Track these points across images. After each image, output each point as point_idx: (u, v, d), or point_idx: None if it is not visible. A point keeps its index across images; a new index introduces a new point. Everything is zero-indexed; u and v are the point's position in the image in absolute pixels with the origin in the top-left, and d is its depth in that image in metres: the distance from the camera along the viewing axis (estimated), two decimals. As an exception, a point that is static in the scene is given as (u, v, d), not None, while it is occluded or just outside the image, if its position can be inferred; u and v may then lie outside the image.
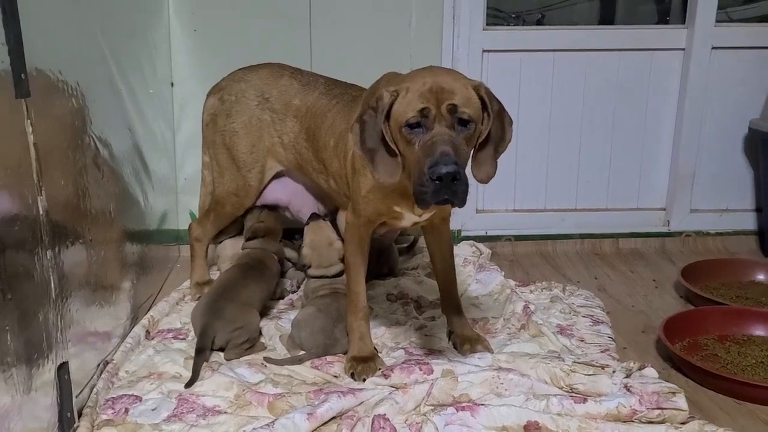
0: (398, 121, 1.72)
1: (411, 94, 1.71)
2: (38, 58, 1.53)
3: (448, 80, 1.71)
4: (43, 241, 1.54)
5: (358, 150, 1.80)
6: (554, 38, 3.12)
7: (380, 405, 1.76)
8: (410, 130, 1.70)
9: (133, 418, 1.78)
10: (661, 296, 2.74)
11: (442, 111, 1.68)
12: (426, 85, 1.70)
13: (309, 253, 2.37)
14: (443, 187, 1.63)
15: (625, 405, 1.75)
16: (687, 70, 3.11)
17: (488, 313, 2.44)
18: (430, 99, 1.68)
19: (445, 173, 1.61)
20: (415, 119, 1.68)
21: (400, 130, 1.72)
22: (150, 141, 2.63)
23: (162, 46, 2.87)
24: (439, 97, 1.68)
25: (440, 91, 1.69)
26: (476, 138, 1.76)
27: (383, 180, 1.78)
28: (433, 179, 1.62)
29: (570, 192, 3.27)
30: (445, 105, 1.68)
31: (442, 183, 1.62)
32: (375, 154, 1.77)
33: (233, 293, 2.17)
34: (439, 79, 1.71)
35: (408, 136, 1.70)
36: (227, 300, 2.14)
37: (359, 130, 1.78)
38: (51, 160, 1.60)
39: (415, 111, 1.68)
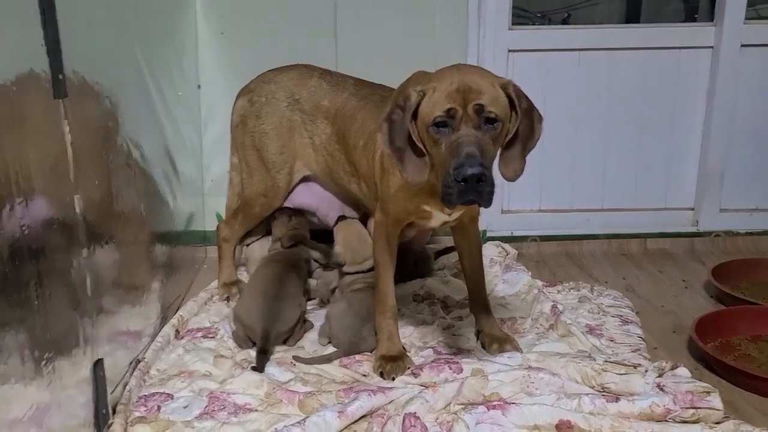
0: (425, 121, 1.72)
1: (438, 93, 1.71)
2: (74, 60, 1.55)
3: (476, 79, 1.71)
4: (80, 240, 1.57)
5: (386, 149, 1.80)
6: (580, 37, 3.09)
7: (411, 404, 1.76)
8: (437, 129, 1.70)
9: (165, 415, 1.80)
10: (691, 296, 2.70)
11: (469, 111, 1.68)
12: (453, 85, 1.70)
13: (342, 250, 2.37)
14: (468, 189, 1.63)
15: (659, 404, 1.73)
16: (716, 68, 3.07)
17: (516, 313, 2.43)
18: (457, 99, 1.68)
19: (470, 175, 1.61)
20: (441, 119, 1.68)
21: (426, 130, 1.72)
22: (178, 143, 2.66)
23: (189, 48, 2.90)
24: (466, 97, 1.68)
25: (467, 90, 1.68)
26: (503, 137, 1.75)
27: (411, 179, 1.78)
28: (459, 180, 1.62)
29: (596, 192, 3.24)
30: (471, 105, 1.67)
31: (468, 184, 1.62)
32: (403, 153, 1.77)
33: (282, 291, 2.19)
34: (466, 78, 1.71)
35: (435, 135, 1.70)
36: (280, 300, 2.16)
37: (387, 129, 1.78)
38: (85, 161, 1.63)
39: (441, 111, 1.68)
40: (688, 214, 3.27)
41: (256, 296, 2.18)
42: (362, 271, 2.32)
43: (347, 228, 2.42)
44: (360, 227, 2.42)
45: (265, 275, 2.29)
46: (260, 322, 2.11)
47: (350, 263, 2.35)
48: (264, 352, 2.05)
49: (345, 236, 2.40)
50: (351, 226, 2.43)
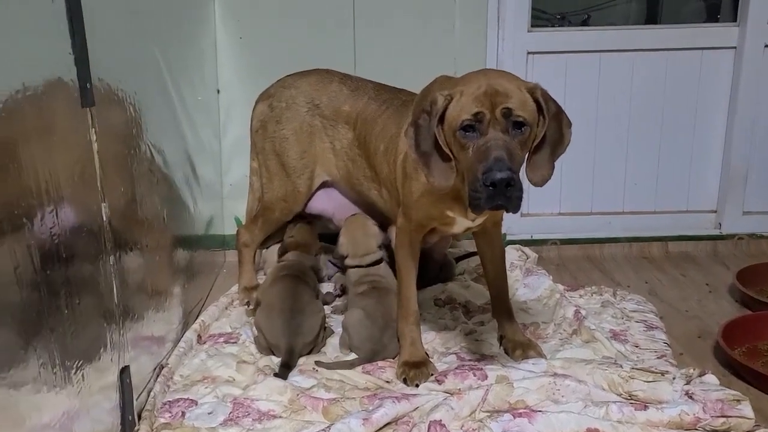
0: (452, 125, 1.71)
1: (465, 97, 1.69)
2: (99, 68, 1.55)
3: (503, 83, 1.70)
4: (106, 247, 1.57)
5: (412, 154, 1.79)
6: (600, 39, 3.07)
7: (435, 411, 1.75)
8: (464, 134, 1.69)
9: (190, 421, 1.80)
10: (716, 301, 2.67)
11: (497, 115, 1.66)
12: (480, 89, 1.68)
13: (344, 242, 2.36)
14: (497, 193, 1.62)
15: (688, 412, 1.71)
16: (739, 69, 3.03)
17: (538, 318, 2.41)
18: (485, 103, 1.67)
19: (499, 179, 1.60)
20: (469, 123, 1.67)
21: (454, 134, 1.71)
22: (198, 148, 2.67)
23: (209, 53, 2.91)
24: (494, 101, 1.67)
25: (495, 94, 1.67)
26: (531, 141, 1.74)
27: (438, 184, 1.77)
28: (487, 185, 1.61)
29: (617, 195, 3.22)
30: (499, 109, 1.66)
31: (496, 189, 1.61)
32: (429, 158, 1.76)
33: (299, 304, 2.18)
34: (493, 82, 1.70)
35: (462, 140, 1.69)
36: (299, 314, 2.15)
37: (413, 134, 1.77)
38: (111, 168, 1.63)
39: (469, 115, 1.67)
40: (711, 216, 3.23)
41: (273, 314, 2.16)
42: (362, 265, 2.30)
43: (354, 220, 2.41)
44: (368, 222, 2.40)
45: (277, 293, 2.25)
46: (284, 339, 2.10)
47: (352, 256, 2.33)
48: (287, 367, 2.04)
49: (350, 228, 2.39)
50: (358, 219, 2.41)
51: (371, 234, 2.36)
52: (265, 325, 2.16)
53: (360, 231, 2.38)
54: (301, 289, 2.25)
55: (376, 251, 2.33)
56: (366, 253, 2.32)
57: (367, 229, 2.38)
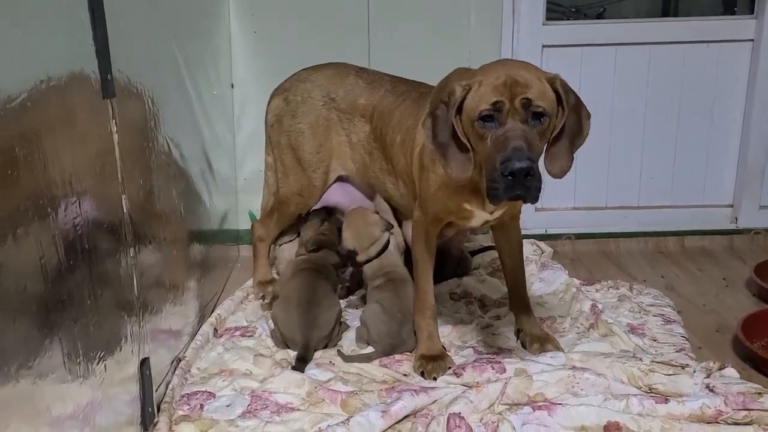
0: (470, 115, 1.70)
1: (484, 87, 1.68)
2: (119, 61, 1.55)
3: (522, 73, 1.69)
4: (127, 239, 1.57)
5: (429, 145, 1.78)
6: (616, 32, 3.05)
7: (454, 404, 1.74)
8: (482, 124, 1.67)
9: (208, 414, 1.80)
10: (733, 295, 2.65)
11: (516, 105, 1.65)
12: (499, 79, 1.67)
13: (347, 236, 2.34)
14: (516, 183, 1.60)
15: (710, 406, 1.69)
16: (756, 61, 3.00)
17: (554, 312, 2.40)
18: (504, 92, 1.65)
19: (518, 169, 1.58)
20: (487, 113, 1.66)
21: (472, 124, 1.70)
22: (213, 142, 2.67)
23: (223, 48, 2.91)
24: (513, 91, 1.65)
25: (514, 84, 1.66)
26: (550, 132, 1.73)
27: (455, 175, 1.76)
28: (506, 175, 1.60)
29: (632, 189, 3.20)
30: (518, 99, 1.65)
31: (515, 179, 1.60)
32: (447, 149, 1.75)
33: (316, 297, 2.18)
34: (512, 72, 1.68)
35: (480, 130, 1.68)
36: (315, 307, 2.15)
37: (431, 124, 1.76)
38: (130, 160, 1.64)
39: (487, 104, 1.65)
40: (727, 211, 3.21)
41: (290, 307, 2.16)
42: (372, 257, 2.29)
43: (353, 213, 2.40)
44: (366, 212, 2.39)
45: (295, 285, 2.25)
46: (299, 332, 2.10)
47: (360, 251, 2.31)
48: (303, 360, 2.04)
49: (350, 221, 2.37)
50: (356, 212, 2.40)
51: (372, 222, 2.34)
52: (281, 317, 2.16)
53: (360, 222, 2.36)
54: (320, 283, 2.25)
55: (380, 237, 2.31)
56: (371, 242, 2.31)
57: (367, 218, 2.36)
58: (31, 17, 1.19)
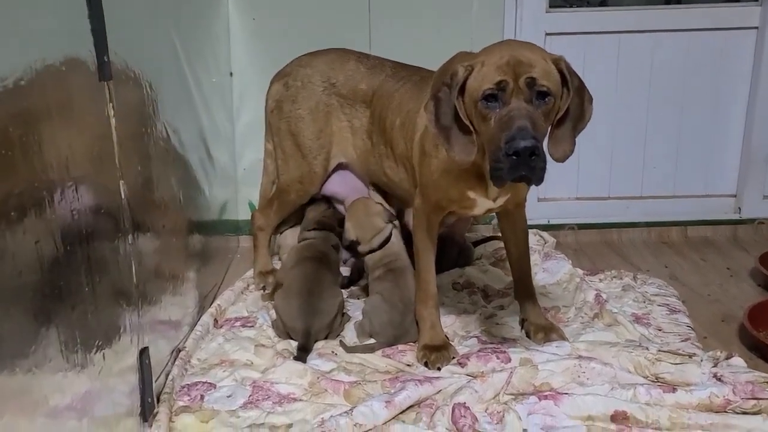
0: (473, 96, 1.66)
1: (487, 67, 1.64)
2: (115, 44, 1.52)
3: (526, 53, 1.65)
4: (125, 227, 1.54)
5: (432, 128, 1.74)
6: (619, 19, 3.01)
7: (459, 393, 1.72)
8: (486, 104, 1.63)
9: (209, 404, 1.78)
10: (738, 285, 2.63)
11: (520, 84, 1.61)
12: (503, 59, 1.63)
13: (350, 227, 2.31)
14: (520, 163, 1.56)
15: (718, 395, 1.67)
16: (761, 49, 2.97)
17: (558, 302, 2.37)
18: (508, 72, 1.61)
19: (523, 148, 1.54)
20: (491, 92, 1.62)
21: (475, 105, 1.66)
22: (212, 131, 2.63)
23: (221, 35, 2.86)
24: (517, 71, 1.61)
25: (518, 64, 1.62)
26: (554, 113, 1.69)
27: (458, 158, 1.72)
28: (510, 154, 1.55)
29: (635, 179, 3.16)
30: (523, 78, 1.61)
31: (520, 159, 1.55)
32: (449, 131, 1.71)
33: (318, 287, 2.15)
34: (516, 52, 1.65)
35: (484, 111, 1.64)
36: (317, 296, 2.13)
37: (433, 107, 1.72)
38: (128, 146, 1.60)
39: (491, 84, 1.62)
40: (730, 201, 3.18)
41: (291, 296, 2.14)
42: (374, 248, 2.26)
43: (356, 203, 2.38)
44: (369, 202, 2.37)
45: (297, 275, 2.23)
46: (300, 321, 2.08)
47: (362, 241, 2.28)
48: (304, 350, 2.02)
49: (353, 212, 2.34)
50: (359, 201, 2.38)
51: (375, 213, 2.31)
52: (282, 306, 2.13)
53: (363, 212, 2.33)
54: (322, 272, 2.22)
55: (383, 228, 2.28)
56: (374, 233, 2.28)
57: (370, 208, 2.33)
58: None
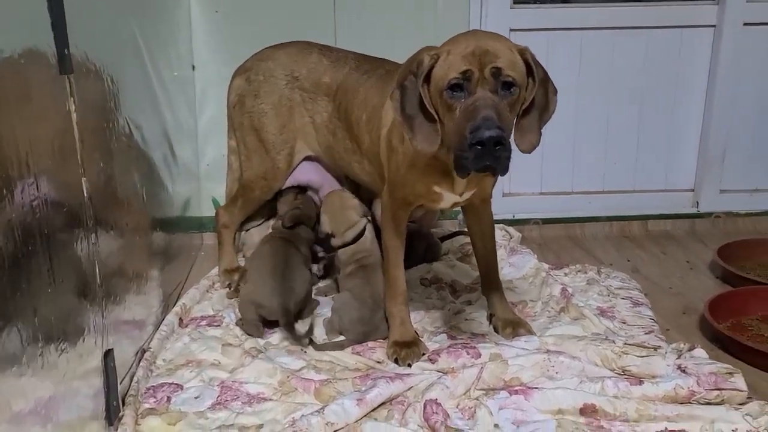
0: (438, 85, 1.65)
1: (452, 56, 1.64)
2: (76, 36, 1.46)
3: (492, 43, 1.65)
4: (88, 224, 1.49)
5: (397, 116, 1.73)
6: (582, 16, 3.04)
7: (430, 390, 1.72)
8: (451, 93, 1.63)
9: (176, 406, 1.74)
10: (697, 277, 2.69)
11: (486, 74, 1.61)
12: (468, 48, 1.63)
13: (325, 219, 2.30)
14: (485, 153, 1.56)
15: (683, 386, 1.70)
16: (718, 47, 3.04)
17: (525, 296, 2.39)
18: (473, 62, 1.61)
19: (488, 137, 1.54)
20: (456, 82, 1.61)
21: (440, 94, 1.65)
22: (175, 126, 2.57)
23: (183, 28, 2.80)
24: (482, 60, 1.61)
25: (484, 53, 1.62)
26: (520, 104, 1.69)
27: (422, 147, 1.71)
28: (475, 144, 1.55)
29: (597, 174, 3.21)
30: (488, 68, 1.61)
31: (485, 149, 1.55)
32: (414, 120, 1.70)
33: (289, 264, 2.15)
34: (482, 42, 1.65)
35: (449, 100, 1.63)
36: (289, 271, 2.12)
37: (399, 96, 1.71)
38: (90, 142, 1.55)
39: (456, 73, 1.61)
40: (689, 195, 3.26)
41: (265, 275, 2.12)
42: (348, 242, 2.25)
43: (331, 196, 2.37)
44: (344, 196, 2.36)
45: (267, 252, 2.21)
46: (277, 298, 2.06)
47: (336, 234, 2.27)
48: (290, 325, 2.01)
49: (329, 204, 2.34)
50: (335, 194, 2.37)
51: (350, 206, 2.30)
52: (255, 288, 2.11)
53: (338, 205, 2.32)
54: (291, 251, 2.22)
55: (357, 222, 2.27)
56: (348, 227, 2.26)
57: (345, 201, 2.32)
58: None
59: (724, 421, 1.64)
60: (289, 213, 2.38)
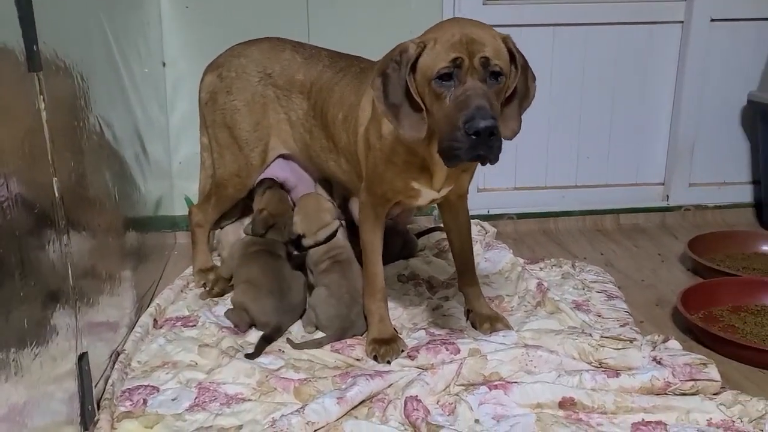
0: (427, 74, 1.65)
1: (440, 45, 1.63)
2: (45, 32, 1.43)
3: (478, 32, 1.65)
4: (60, 225, 1.45)
5: (380, 105, 1.71)
6: (554, 13, 3.07)
7: (411, 387, 1.72)
8: (440, 83, 1.62)
9: (152, 409, 1.71)
10: (669, 270, 2.74)
11: (475, 63, 1.61)
12: (455, 36, 1.63)
13: (297, 220, 2.28)
14: (480, 143, 1.57)
15: (659, 378, 1.73)
16: (686, 43, 3.09)
17: (501, 291, 2.40)
18: (462, 50, 1.61)
19: (484, 127, 1.55)
20: (446, 71, 1.61)
21: (429, 83, 1.64)
22: (146, 123, 2.53)
23: (153, 24, 2.75)
24: (470, 49, 1.61)
25: (471, 42, 1.62)
26: (504, 92, 1.70)
27: (408, 135, 1.70)
28: (470, 134, 1.56)
29: (570, 168, 3.25)
30: (477, 57, 1.61)
31: (479, 138, 1.56)
32: (399, 109, 1.69)
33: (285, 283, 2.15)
34: (467, 30, 1.65)
35: (438, 89, 1.63)
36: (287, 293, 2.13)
37: (381, 84, 1.69)
38: (61, 140, 1.51)
39: (446, 62, 1.61)
40: (659, 189, 3.31)
41: (261, 295, 2.11)
42: (320, 241, 2.24)
43: (306, 198, 2.35)
44: (319, 199, 2.34)
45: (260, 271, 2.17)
46: (275, 317, 2.07)
47: (307, 234, 2.26)
48: (269, 341, 2.00)
49: (302, 206, 2.32)
50: (310, 196, 2.35)
51: (324, 209, 2.29)
52: (252, 305, 2.10)
53: (312, 207, 2.30)
54: (281, 264, 2.21)
55: (330, 224, 2.26)
56: (320, 227, 2.26)
57: (320, 204, 2.31)
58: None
59: (699, 411, 1.67)
60: (259, 219, 2.33)
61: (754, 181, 3.31)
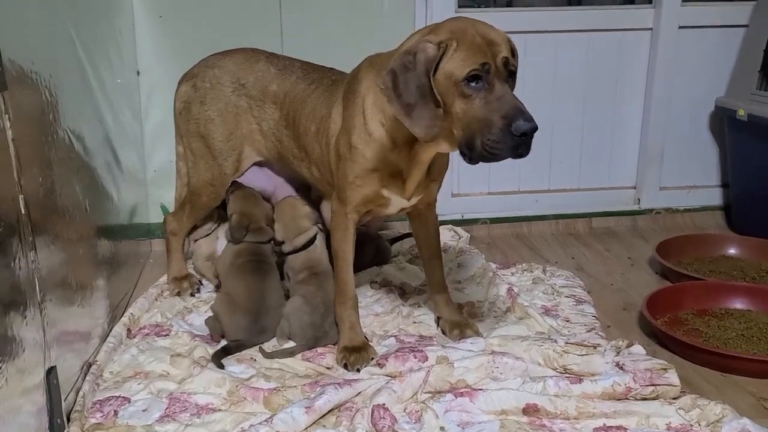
0: (454, 76, 1.67)
1: (464, 47, 1.67)
2: (10, 49, 1.44)
3: (492, 33, 1.71)
4: (26, 240, 1.46)
5: (393, 105, 1.73)
6: (525, 20, 3.12)
7: (378, 395, 1.75)
8: (469, 84, 1.66)
9: (123, 420, 1.72)
10: (638, 273, 2.79)
11: (498, 65, 1.67)
12: (476, 38, 1.67)
13: (279, 227, 2.32)
14: (523, 143, 1.65)
15: (620, 383, 1.77)
16: (654, 49, 3.15)
17: (473, 297, 2.44)
18: (487, 53, 1.66)
19: (530, 129, 1.63)
20: (477, 73, 1.65)
21: (455, 84, 1.67)
22: (119, 133, 2.54)
23: (126, 33, 2.76)
24: (492, 51, 1.67)
25: (491, 43, 1.67)
26: None
27: (424, 134, 1.72)
28: (518, 135, 1.62)
29: (543, 173, 3.30)
30: (499, 58, 1.67)
31: (525, 138, 1.64)
32: (413, 108, 1.71)
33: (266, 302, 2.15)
34: (482, 31, 1.70)
35: (467, 91, 1.67)
36: (264, 313, 2.13)
37: (392, 83, 1.71)
38: (28, 157, 1.52)
39: (476, 65, 1.65)
40: (630, 192, 3.37)
41: (237, 313, 2.10)
42: (297, 248, 2.27)
43: (283, 203, 2.38)
44: (296, 203, 2.37)
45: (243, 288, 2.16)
46: (248, 336, 2.08)
47: (286, 240, 2.29)
48: (227, 353, 2.00)
49: (280, 212, 2.35)
50: (287, 202, 2.38)
51: (301, 215, 2.32)
52: (226, 319, 2.11)
53: (289, 213, 2.33)
54: (268, 280, 2.20)
55: (308, 230, 2.29)
56: (297, 233, 2.28)
57: (297, 210, 2.34)
58: None
59: (658, 416, 1.71)
60: (233, 224, 2.34)
61: (723, 185, 3.38)
